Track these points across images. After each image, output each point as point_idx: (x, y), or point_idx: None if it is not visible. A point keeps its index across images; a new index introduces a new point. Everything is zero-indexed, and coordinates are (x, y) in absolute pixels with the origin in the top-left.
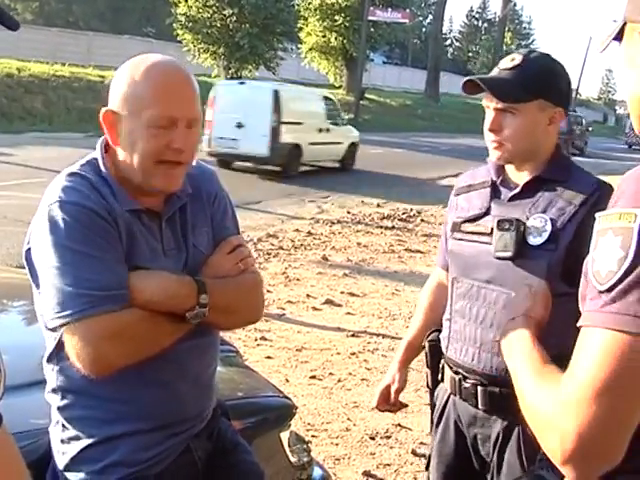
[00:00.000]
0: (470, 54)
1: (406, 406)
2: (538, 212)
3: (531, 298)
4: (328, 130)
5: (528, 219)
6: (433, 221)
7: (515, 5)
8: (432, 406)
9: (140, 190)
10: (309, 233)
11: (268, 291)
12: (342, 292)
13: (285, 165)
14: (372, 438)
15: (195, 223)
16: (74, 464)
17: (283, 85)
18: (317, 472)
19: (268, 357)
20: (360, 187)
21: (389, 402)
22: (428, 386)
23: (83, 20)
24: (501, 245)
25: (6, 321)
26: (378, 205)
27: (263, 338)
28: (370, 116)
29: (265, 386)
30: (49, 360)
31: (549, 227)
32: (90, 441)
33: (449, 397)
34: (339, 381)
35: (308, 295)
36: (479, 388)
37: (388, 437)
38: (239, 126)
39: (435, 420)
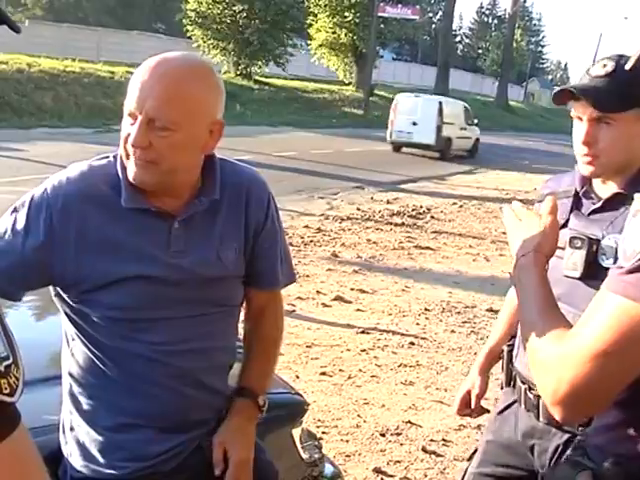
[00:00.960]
0: (480, 51)
1: (487, 411)
2: (615, 231)
3: (541, 234)
4: (465, 129)
5: (604, 238)
6: (443, 218)
7: (525, 2)
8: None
9: (149, 190)
10: (319, 229)
11: None
12: (352, 289)
13: (442, 151)
14: (382, 435)
15: (224, 234)
16: (83, 454)
17: (444, 98)
18: (328, 469)
19: None
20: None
21: (470, 407)
22: (501, 389)
23: (93, 16)
24: (570, 264)
25: (17, 316)
26: (388, 202)
27: None
28: (380, 112)
29: (276, 383)
30: (67, 344)
31: None
32: (96, 430)
33: (513, 403)
34: (349, 378)
35: (318, 291)
36: (541, 400)
37: (398, 434)
38: (414, 124)
39: (495, 414)
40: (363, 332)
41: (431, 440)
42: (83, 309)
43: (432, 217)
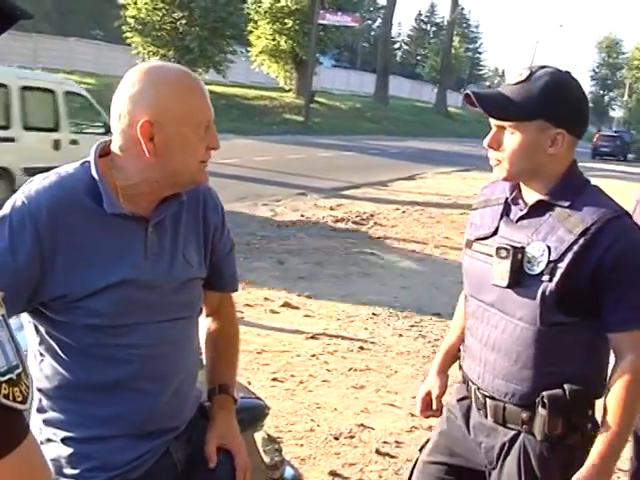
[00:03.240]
0: (419, 57)
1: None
2: (539, 239)
3: None
4: None
5: (528, 245)
6: (386, 224)
7: (463, 9)
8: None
9: (128, 195)
10: (263, 236)
11: None
12: (299, 295)
13: None
14: (336, 438)
15: (186, 237)
16: (56, 467)
17: None
18: (289, 472)
19: None
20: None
21: (431, 408)
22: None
23: (29, 22)
24: (498, 273)
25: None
26: (331, 208)
27: None
28: (320, 119)
29: (238, 388)
30: (35, 359)
31: (545, 257)
32: (69, 444)
33: (466, 397)
34: (301, 383)
35: (266, 298)
36: (488, 400)
37: (352, 437)
38: None
39: (448, 407)
40: (312, 337)
41: (384, 442)
42: (64, 319)
43: (375, 223)
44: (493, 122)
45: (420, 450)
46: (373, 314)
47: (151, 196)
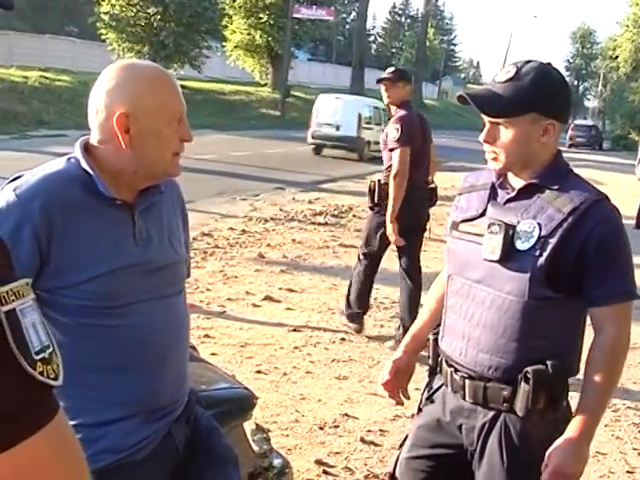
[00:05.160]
0: (394, 50)
1: (407, 398)
2: (529, 217)
3: None
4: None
5: (519, 223)
6: (364, 216)
7: (437, 1)
8: (425, 390)
9: (111, 186)
10: (243, 231)
11: (207, 289)
12: (280, 288)
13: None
14: (321, 428)
15: (169, 223)
16: None
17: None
18: (277, 460)
19: (213, 354)
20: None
21: (395, 384)
22: (429, 376)
23: (4, 19)
24: (489, 248)
25: None
26: (310, 202)
27: (207, 336)
28: (297, 113)
29: (224, 378)
30: None
31: (536, 233)
32: (76, 430)
33: (441, 386)
34: (284, 375)
35: (247, 292)
36: (467, 381)
37: (336, 426)
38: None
39: (423, 400)
40: (295, 330)
41: (368, 431)
42: (60, 301)
43: (354, 216)
44: (487, 118)
45: (400, 446)
46: None
47: (131, 187)
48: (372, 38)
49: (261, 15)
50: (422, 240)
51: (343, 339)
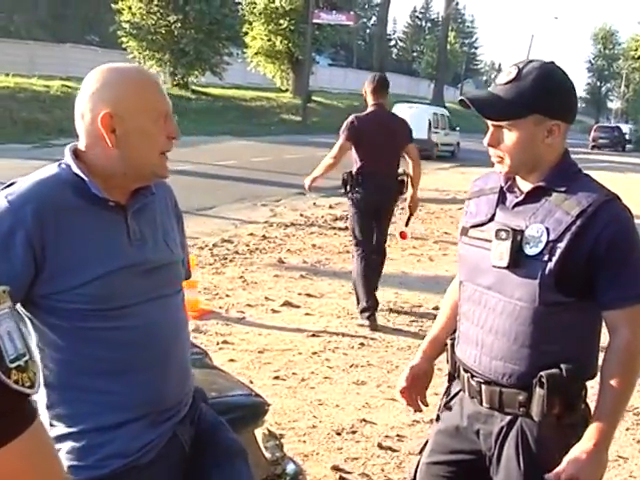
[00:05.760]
0: (415, 54)
1: (426, 405)
2: (537, 221)
3: None
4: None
5: (527, 228)
6: None
7: (457, 4)
8: (444, 396)
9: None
10: (263, 237)
11: (227, 295)
12: (300, 293)
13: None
14: (338, 434)
15: (163, 224)
16: (68, 460)
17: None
18: (290, 467)
19: (231, 360)
20: None
21: (414, 391)
22: (448, 382)
23: (25, 29)
24: (497, 254)
25: None
26: (330, 207)
27: (225, 342)
28: (318, 118)
29: (236, 385)
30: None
31: (544, 238)
32: (79, 436)
33: (459, 392)
34: (302, 380)
35: (266, 298)
36: (483, 387)
37: (354, 432)
38: None
39: (442, 407)
40: (313, 335)
41: (386, 436)
42: (57, 306)
43: None
44: (490, 122)
45: (420, 452)
46: None
47: (122, 189)
48: (393, 42)
49: (281, 21)
50: (389, 221)
51: (362, 344)
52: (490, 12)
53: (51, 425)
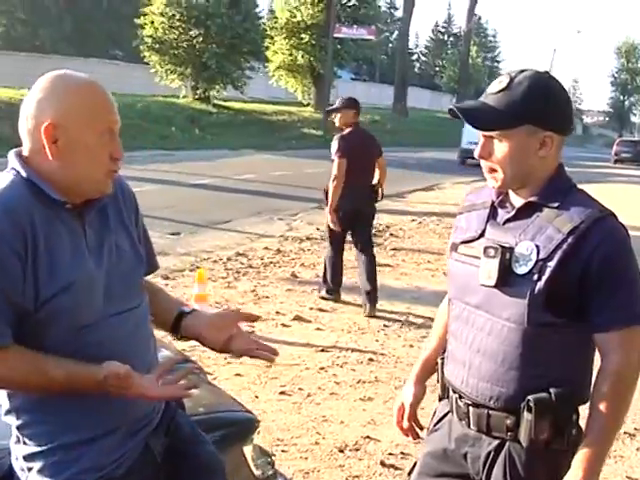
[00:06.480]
0: (437, 68)
1: (421, 428)
2: (527, 239)
3: None
4: None
5: (517, 245)
6: (402, 235)
7: (480, 19)
8: (433, 416)
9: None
10: (278, 251)
11: (238, 309)
12: (311, 308)
13: None
14: (341, 451)
15: (116, 226)
16: (42, 477)
17: None
18: None
19: (237, 374)
20: None
21: (408, 420)
22: (439, 401)
23: (50, 44)
24: (485, 272)
25: None
26: None
27: (232, 356)
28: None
29: (227, 401)
30: None
31: (534, 256)
32: (53, 453)
33: (447, 414)
34: (308, 396)
35: (277, 312)
36: (471, 409)
37: (357, 449)
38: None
39: (431, 427)
40: (322, 350)
41: (390, 454)
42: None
43: (391, 234)
44: (480, 132)
45: (409, 474)
46: (384, 325)
47: (73, 196)
48: (415, 57)
49: (302, 35)
50: (371, 227)
51: (371, 359)
52: (513, 26)
53: (24, 444)
